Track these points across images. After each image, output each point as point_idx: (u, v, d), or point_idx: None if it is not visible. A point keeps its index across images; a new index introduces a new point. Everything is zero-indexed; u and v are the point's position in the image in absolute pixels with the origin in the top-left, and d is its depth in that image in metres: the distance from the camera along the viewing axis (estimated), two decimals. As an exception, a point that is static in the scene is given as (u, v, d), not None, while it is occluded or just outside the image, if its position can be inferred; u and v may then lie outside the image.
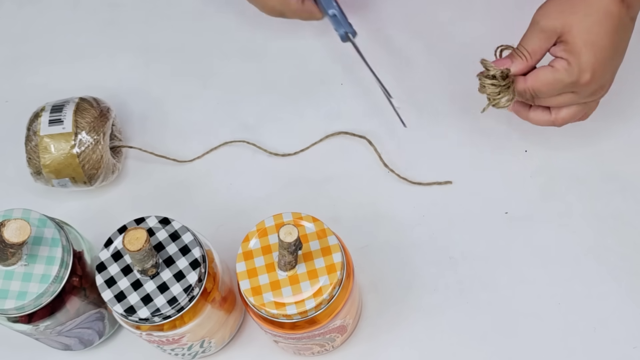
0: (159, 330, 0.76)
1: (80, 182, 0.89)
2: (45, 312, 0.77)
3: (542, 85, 0.78)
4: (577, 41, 0.75)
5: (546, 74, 0.77)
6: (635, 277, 0.86)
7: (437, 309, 0.86)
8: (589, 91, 0.78)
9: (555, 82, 0.77)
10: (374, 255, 0.88)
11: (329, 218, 0.79)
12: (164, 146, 0.95)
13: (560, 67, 0.77)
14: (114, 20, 1.02)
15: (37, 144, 0.88)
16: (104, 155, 0.89)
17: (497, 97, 0.80)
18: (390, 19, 0.99)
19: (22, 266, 0.75)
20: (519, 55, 0.78)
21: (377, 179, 0.91)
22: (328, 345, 0.83)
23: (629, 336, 0.84)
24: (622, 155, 0.91)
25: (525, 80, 0.79)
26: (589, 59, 0.75)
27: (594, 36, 0.75)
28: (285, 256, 0.72)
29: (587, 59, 0.75)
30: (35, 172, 0.89)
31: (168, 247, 0.75)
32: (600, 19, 0.75)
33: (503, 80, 0.79)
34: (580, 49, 0.75)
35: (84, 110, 0.89)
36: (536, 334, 0.84)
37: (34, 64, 1.01)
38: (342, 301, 0.76)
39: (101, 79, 0.99)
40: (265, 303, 0.73)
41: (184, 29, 1.01)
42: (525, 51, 0.78)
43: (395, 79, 0.94)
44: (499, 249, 0.88)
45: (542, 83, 0.78)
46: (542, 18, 0.77)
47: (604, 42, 0.75)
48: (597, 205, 0.89)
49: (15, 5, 1.04)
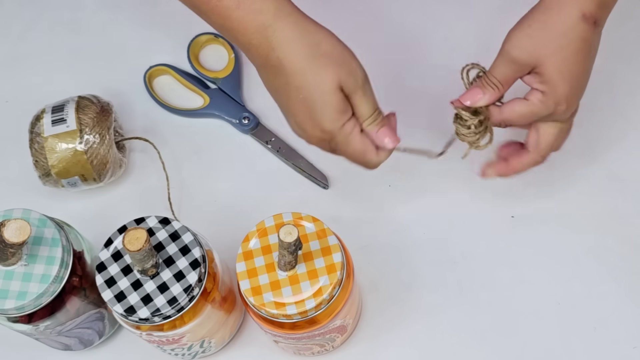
0: (159, 330, 0.76)
1: (90, 180, 0.89)
2: (45, 312, 0.77)
3: (517, 117, 0.77)
4: (553, 73, 0.73)
5: (522, 107, 0.76)
6: (635, 277, 0.86)
7: (437, 309, 0.86)
8: (563, 118, 0.77)
9: (531, 114, 0.76)
10: (374, 255, 0.88)
11: (329, 218, 0.79)
12: (164, 146, 0.95)
13: (536, 100, 0.75)
14: (114, 21, 1.02)
15: (42, 145, 0.88)
16: (111, 150, 0.89)
17: (476, 141, 0.80)
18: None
19: (22, 266, 0.75)
20: (490, 85, 0.76)
21: (377, 179, 0.91)
22: (328, 345, 0.83)
23: (629, 336, 0.84)
24: (622, 155, 0.91)
25: (501, 113, 0.77)
26: (565, 89, 0.74)
27: (570, 66, 0.73)
28: (285, 256, 0.72)
29: (563, 90, 0.74)
30: (43, 174, 0.89)
31: (168, 247, 0.75)
32: (576, 48, 0.73)
33: (481, 125, 0.78)
34: (556, 81, 0.74)
35: (85, 107, 0.89)
36: (536, 334, 0.84)
37: (34, 64, 1.01)
38: (342, 301, 0.76)
39: (101, 79, 0.98)
40: (265, 303, 0.73)
41: (185, 28, 1.01)
42: (496, 81, 0.76)
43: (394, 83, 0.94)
44: (499, 249, 0.88)
45: (518, 115, 0.77)
46: (513, 49, 0.74)
47: (579, 69, 0.74)
48: (597, 205, 0.89)
49: (15, 5, 1.04)
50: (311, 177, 0.92)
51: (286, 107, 0.76)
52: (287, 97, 0.75)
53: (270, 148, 0.94)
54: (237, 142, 0.95)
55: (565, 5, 0.73)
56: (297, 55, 0.73)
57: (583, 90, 0.77)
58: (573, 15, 0.72)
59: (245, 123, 0.95)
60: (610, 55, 0.83)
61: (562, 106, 0.75)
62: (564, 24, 0.73)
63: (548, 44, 0.73)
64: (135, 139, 0.93)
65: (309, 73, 0.73)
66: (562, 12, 0.73)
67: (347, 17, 0.97)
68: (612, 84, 0.83)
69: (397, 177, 0.91)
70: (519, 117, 0.77)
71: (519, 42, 0.74)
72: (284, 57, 0.73)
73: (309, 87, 0.74)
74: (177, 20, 1.00)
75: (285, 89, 0.75)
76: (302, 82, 0.74)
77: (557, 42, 0.73)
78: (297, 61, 0.73)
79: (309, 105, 0.74)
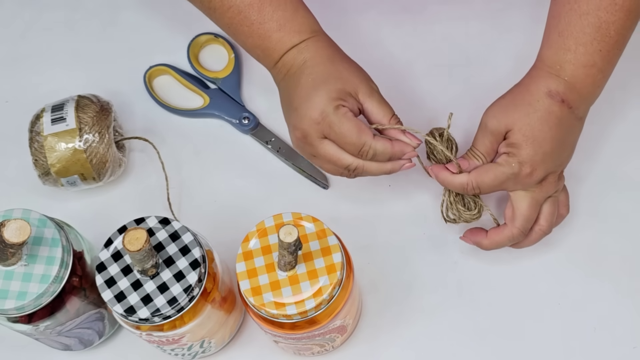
0: (159, 330, 0.76)
1: (89, 179, 0.89)
2: (45, 312, 0.77)
3: (483, 175, 0.80)
4: (518, 136, 0.78)
5: (488, 166, 0.80)
6: (635, 277, 0.86)
7: (437, 309, 0.86)
8: (532, 182, 0.80)
9: (498, 174, 0.79)
10: (374, 255, 0.88)
11: (329, 218, 0.79)
12: (164, 146, 0.95)
13: (502, 160, 0.80)
14: (114, 21, 1.02)
15: (42, 144, 0.88)
16: (110, 149, 0.89)
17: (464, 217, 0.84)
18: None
19: (22, 266, 0.75)
20: (475, 157, 0.81)
21: (377, 179, 0.91)
22: (328, 346, 0.83)
23: (628, 336, 0.84)
24: (622, 155, 0.91)
25: (470, 177, 0.81)
26: (528, 152, 0.78)
27: (535, 132, 0.78)
28: (285, 256, 0.72)
29: (527, 153, 0.78)
30: (43, 173, 0.89)
31: (168, 247, 0.75)
32: (541, 116, 0.78)
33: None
34: (520, 143, 0.78)
35: (85, 106, 0.89)
36: (536, 334, 0.84)
37: (34, 64, 1.01)
38: (342, 301, 0.76)
39: (101, 78, 0.98)
40: (265, 303, 0.73)
41: (185, 29, 1.01)
42: (479, 153, 0.81)
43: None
44: (499, 249, 0.87)
45: (483, 172, 0.80)
46: (489, 120, 0.80)
47: (544, 136, 0.78)
48: (597, 205, 0.89)
49: (15, 5, 1.04)
50: (311, 177, 0.92)
51: (291, 96, 0.80)
52: (297, 83, 0.80)
53: (270, 148, 0.94)
54: (237, 142, 0.95)
55: (534, 83, 0.80)
56: (321, 56, 0.80)
57: (556, 159, 0.80)
58: (539, 90, 0.79)
59: (245, 123, 0.95)
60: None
61: (527, 168, 0.79)
62: (530, 96, 0.79)
63: (515, 112, 0.79)
64: (135, 139, 0.93)
65: (326, 65, 0.80)
66: (530, 87, 0.80)
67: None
68: (612, 84, 0.83)
69: (397, 177, 0.91)
70: (485, 178, 0.80)
71: (493, 112, 0.81)
72: (309, 58, 0.80)
73: (319, 72, 0.79)
74: (177, 20, 1.00)
75: (296, 79, 0.80)
76: (316, 69, 0.79)
77: (523, 111, 0.79)
78: (320, 58, 0.80)
79: (313, 87, 0.78)
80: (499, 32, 0.97)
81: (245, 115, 0.95)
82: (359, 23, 0.98)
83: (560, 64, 0.79)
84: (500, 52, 0.95)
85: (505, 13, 0.98)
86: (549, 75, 0.79)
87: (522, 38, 0.95)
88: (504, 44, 0.96)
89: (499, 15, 0.97)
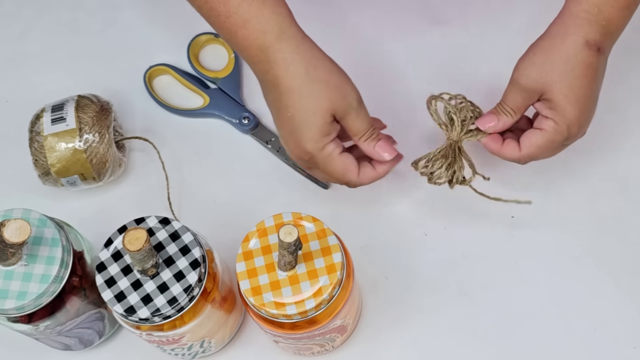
0: (159, 330, 0.76)
1: (89, 179, 0.89)
2: (45, 312, 0.77)
3: (537, 149, 0.79)
4: (560, 98, 0.76)
5: (538, 138, 0.78)
6: (635, 277, 0.86)
7: (437, 309, 0.86)
8: (575, 139, 0.80)
9: (548, 143, 0.78)
10: (374, 255, 0.88)
11: (329, 218, 0.79)
12: (164, 146, 0.95)
13: (549, 127, 0.77)
14: (113, 21, 1.02)
15: (42, 144, 0.88)
16: (110, 149, 0.89)
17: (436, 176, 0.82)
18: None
19: (22, 266, 0.75)
20: (504, 112, 0.79)
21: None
22: (328, 345, 0.83)
23: (629, 336, 0.84)
24: (622, 155, 0.91)
25: (520, 149, 0.79)
26: (573, 113, 0.76)
27: (576, 90, 0.76)
28: (285, 256, 0.72)
29: (572, 114, 0.76)
30: (43, 173, 0.89)
31: (168, 247, 0.75)
32: (580, 73, 0.75)
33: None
34: (564, 106, 0.76)
35: (85, 106, 0.89)
36: (536, 334, 0.84)
37: (34, 64, 1.01)
38: (342, 301, 0.76)
39: (101, 78, 0.98)
40: (265, 303, 0.73)
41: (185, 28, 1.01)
42: (509, 108, 0.79)
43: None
44: (499, 249, 0.88)
45: (536, 147, 0.78)
46: (521, 77, 0.77)
47: (585, 93, 0.76)
48: (597, 205, 0.89)
49: (15, 5, 1.04)
50: (311, 177, 0.92)
51: (275, 120, 0.80)
52: (277, 111, 0.78)
53: (270, 148, 0.94)
54: (237, 142, 0.95)
55: (569, 33, 0.75)
56: (293, 78, 0.76)
57: (593, 113, 0.78)
58: (576, 42, 0.75)
59: (245, 123, 0.95)
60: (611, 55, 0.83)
61: (574, 128, 0.77)
62: (567, 50, 0.75)
63: (553, 71, 0.75)
64: (135, 139, 0.93)
65: (301, 95, 0.76)
66: (565, 39, 0.75)
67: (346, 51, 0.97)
68: (612, 83, 0.83)
69: (397, 177, 0.91)
70: (538, 149, 0.78)
71: (525, 70, 0.77)
72: (280, 77, 0.76)
73: (298, 107, 0.77)
74: (177, 20, 1.00)
75: (276, 104, 0.78)
76: (293, 101, 0.77)
77: (561, 68, 0.75)
78: (292, 82, 0.76)
79: (295, 124, 0.77)
80: (499, 32, 0.97)
81: (245, 115, 0.95)
82: (359, 23, 0.98)
83: (599, 6, 0.75)
84: (500, 52, 0.95)
85: (505, 13, 0.98)
86: (586, 22, 0.75)
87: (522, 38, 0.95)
88: (504, 44, 0.96)
89: (499, 16, 0.97)
